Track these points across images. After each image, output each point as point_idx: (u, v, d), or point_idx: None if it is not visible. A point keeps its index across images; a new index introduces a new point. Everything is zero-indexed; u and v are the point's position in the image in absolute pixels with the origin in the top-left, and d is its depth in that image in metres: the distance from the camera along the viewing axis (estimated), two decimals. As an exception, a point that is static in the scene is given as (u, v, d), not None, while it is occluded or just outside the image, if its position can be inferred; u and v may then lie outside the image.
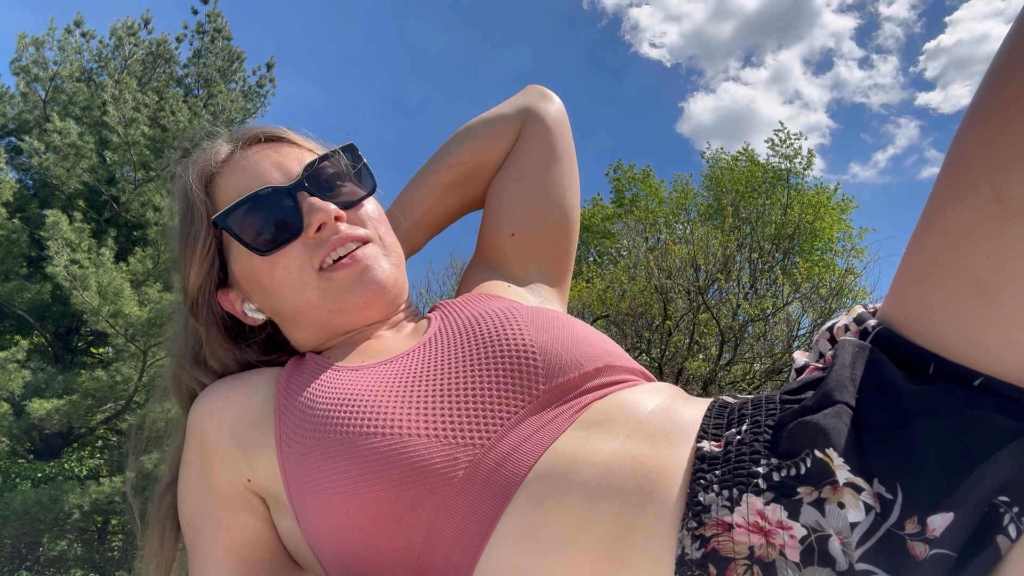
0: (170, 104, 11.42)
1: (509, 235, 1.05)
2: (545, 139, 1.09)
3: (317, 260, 0.83)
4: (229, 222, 0.86)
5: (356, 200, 0.89)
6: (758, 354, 11.34)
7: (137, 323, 9.23)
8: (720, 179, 19.86)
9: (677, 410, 0.69)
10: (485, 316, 0.83)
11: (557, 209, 1.07)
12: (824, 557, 0.52)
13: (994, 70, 0.56)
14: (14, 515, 8.83)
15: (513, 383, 0.73)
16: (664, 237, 12.87)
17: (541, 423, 0.70)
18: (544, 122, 1.10)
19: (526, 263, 1.05)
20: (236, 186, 0.88)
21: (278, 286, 0.86)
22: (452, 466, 0.66)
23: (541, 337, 0.78)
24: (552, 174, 1.08)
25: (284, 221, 0.85)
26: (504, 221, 1.06)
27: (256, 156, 0.90)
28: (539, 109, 1.11)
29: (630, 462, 0.63)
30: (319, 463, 0.69)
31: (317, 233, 0.84)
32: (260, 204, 0.85)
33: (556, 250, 1.07)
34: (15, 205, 10.81)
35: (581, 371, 0.75)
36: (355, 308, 0.85)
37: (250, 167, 0.89)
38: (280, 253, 0.85)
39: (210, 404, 0.84)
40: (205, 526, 0.80)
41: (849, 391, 0.58)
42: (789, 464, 0.56)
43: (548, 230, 1.06)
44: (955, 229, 0.56)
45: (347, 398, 0.74)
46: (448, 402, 0.72)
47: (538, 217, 1.06)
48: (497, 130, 1.10)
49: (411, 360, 0.79)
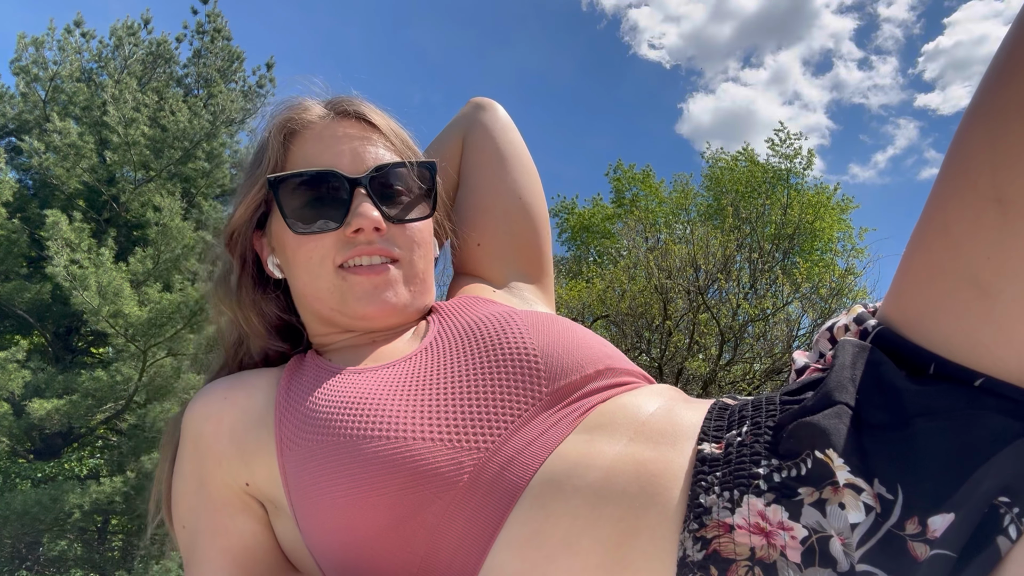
0: (170, 104, 11.41)
1: (476, 246, 1.06)
2: (486, 146, 1.11)
3: (341, 257, 0.84)
4: (280, 189, 0.85)
5: (406, 219, 0.88)
6: (758, 354, 11.33)
7: (137, 323, 9.22)
8: (720, 179, 19.85)
9: (678, 412, 0.69)
10: (484, 320, 0.83)
11: (516, 210, 1.07)
12: (825, 558, 0.51)
13: (994, 70, 0.56)
14: (14, 515, 8.82)
15: (516, 386, 0.73)
16: (664, 237, 12.86)
17: (545, 426, 0.70)
18: (482, 130, 1.12)
19: (500, 268, 1.05)
20: (308, 154, 0.87)
21: (298, 265, 0.87)
22: (457, 470, 0.66)
23: (542, 340, 0.78)
24: (503, 177, 1.08)
25: (330, 210, 0.84)
26: (468, 235, 1.07)
27: (340, 132, 0.89)
28: (476, 120, 1.13)
29: (633, 465, 0.63)
30: (322, 466, 0.69)
31: (353, 234, 0.84)
32: (316, 184, 0.85)
33: (527, 250, 1.07)
34: (15, 205, 10.80)
35: (583, 373, 0.75)
36: (357, 316, 0.85)
37: (328, 141, 0.88)
38: (312, 238, 0.85)
39: (207, 406, 0.83)
40: (202, 530, 0.79)
41: (849, 391, 0.58)
42: (790, 465, 0.56)
43: (513, 232, 1.06)
44: (955, 229, 0.56)
45: (351, 401, 0.74)
46: (452, 406, 0.72)
47: (498, 223, 1.06)
48: (441, 153, 1.12)
49: (413, 364, 0.79)
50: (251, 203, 0.90)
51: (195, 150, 11.49)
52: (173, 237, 9.98)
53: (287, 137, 0.90)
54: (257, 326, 0.92)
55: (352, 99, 0.93)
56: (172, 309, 9.31)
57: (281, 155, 0.89)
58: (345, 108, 0.91)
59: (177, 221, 9.95)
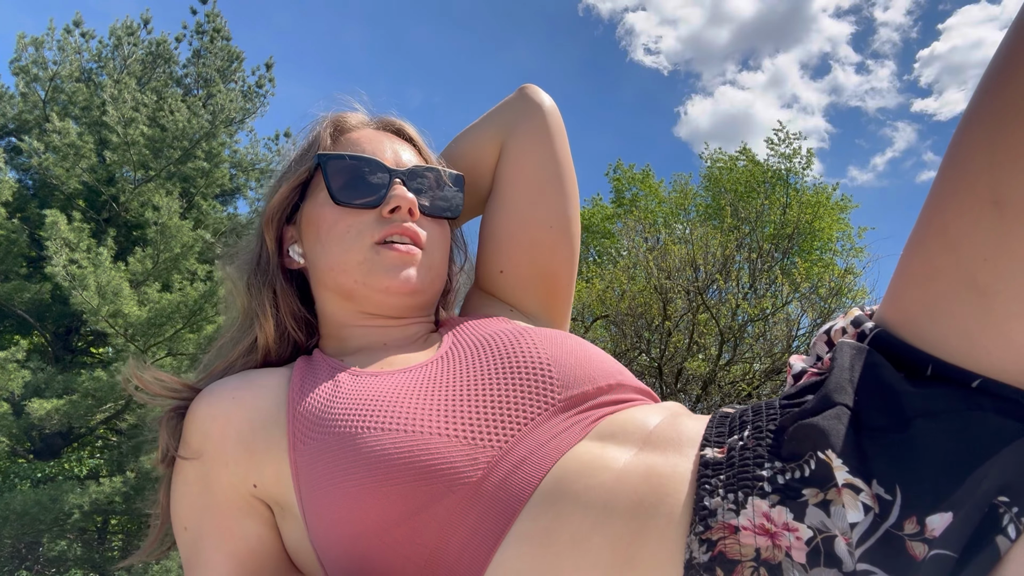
0: (169, 104, 11.41)
1: (498, 272, 1.03)
2: (525, 165, 1.02)
3: (380, 234, 0.89)
4: (329, 164, 0.92)
5: (435, 214, 0.95)
6: (757, 354, 11.33)
7: (137, 323, 9.22)
8: (719, 179, 19.84)
9: (682, 423, 0.70)
10: (498, 334, 0.85)
11: (545, 241, 1.01)
12: (830, 558, 0.52)
13: (992, 72, 0.56)
14: (14, 515, 8.82)
15: (529, 391, 0.74)
16: (663, 237, 12.86)
17: (557, 430, 0.71)
18: (524, 142, 1.03)
19: (521, 298, 1.03)
20: (354, 144, 0.96)
21: (333, 238, 0.90)
22: (471, 466, 0.67)
23: (555, 352, 0.80)
24: (537, 205, 1.01)
25: (371, 190, 0.91)
26: (492, 257, 1.04)
27: (383, 136, 0.98)
28: (519, 129, 1.03)
29: (643, 469, 0.64)
30: (337, 458, 0.70)
31: (391, 213, 0.89)
32: (361, 167, 0.91)
33: (550, 282, 1.03)
34: (15, 205, 10.80)
35: (595, 385, 0.77)
36: (379, 288, 0.88)
37: (373, 140, 0.97)
38: (353, 212, 0.90)
39: (214, 406, 0.82)
40: (207, 532, 0.79)
41: (848, 393, 0.59)
42: (793, 467, 0.57)
43: (538, 264, 1.01)
44: (953, 230, 0.56)
45: (367, 399, 0.74)
46: (467, 406, 0.73)
47: (524, 251, 1.01)
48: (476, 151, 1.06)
49: (429, 370, 0.81)
50: (295, 181, 0.95)
51: (194, 150, 11.49)
52: (172, 237, 9.99)
53: (335, 132, 0.98)
54: (271, 316, 0.93)
55: (390, 115, 1.03)
56: (171, 309, 9.31)
57: (329, 145, 0.96)
58: (388, 121, 1.02)
59: (176, 221, 9.95)
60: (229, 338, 0.96)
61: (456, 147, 1.08)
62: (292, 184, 0.95)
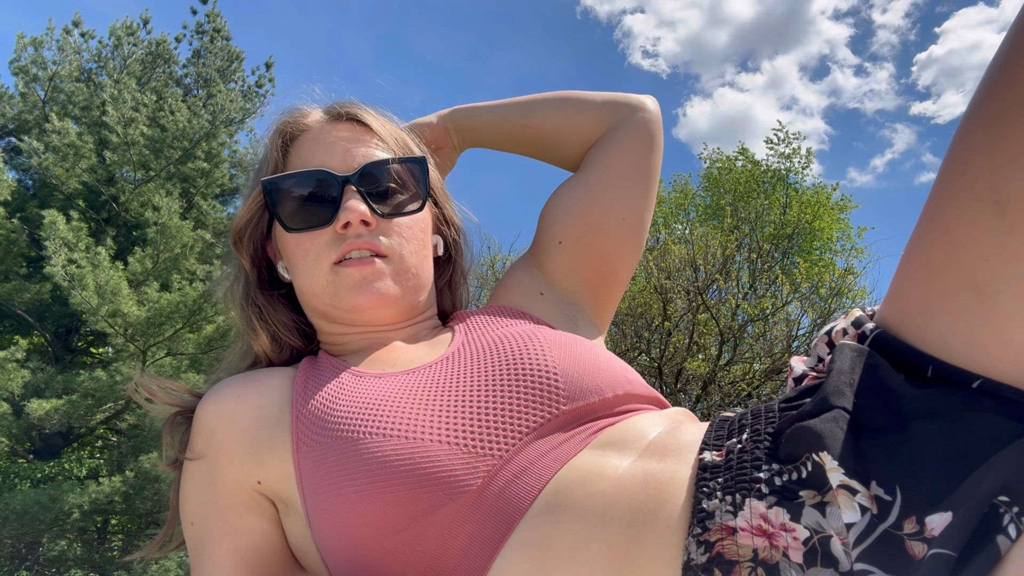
0: (169, 104, 11.40)
1: (557, 242, 1.03)
2: (621, 154, 1.04)
3: (335, 254, 0.86)
4: (272, 191, 0.89)
5: (396, 213, 0.90)
6: (757, 354, 11.33)
7: (136, 323, 9.22)
8: (718, 179, 19.83)
9: (683, 430, 0.70)
10: (508, 338, 0.84)
11: (613, 226, 1.01)
12: (827, 558, 0.52)
13: (992, 72, 0.56)
14: (14, 515, 8.82)
15: (534, 401, 0.74)
16: (663, 237, 12.84)
17: (559, 440, 0.71)
18: (629, 134, 1.05)
19: (569, 277, 1.02)
20: (304, 156, 0.91)
21: (296, 264, 0.90)
22: (471, 474, 0.68)
23: (563, 360, 0.79)
24: (616, 192, 1.03)
25: (322, 208, 0.87)
26: (555, 226, 1.03)
27: (334, 134, 0.92)
28: (630, 120, 1.06)
29: (642, 475, 0.64)
30: (340, 463, 0.70)
31: (343, 229, 0.86)
32: (307, 184, 0.88)
33: (603, 269, 1.02)
34: (14, 205, 10.80)
35: (601, 397, 0.76)
36: (348, 308, 0.87)
37: (322, 143, 0.91)
38: (307, 235, 0.88)
39: (220, 403, 0.83)
40: (211, 527, 0.80)
41: (846, 396, 0.59)
42: (790, 469, 0.57)
43: (597, 248, 1.01)
44: (953, 231, 0.56)
45: (370, 403, 0.75)
46: (469, 413, 0.73)
47: (589, 230, 1.01)
48: (577, 117, 1.07)
49: (434, 372, 0.80)
50: (251, 206, 0.93)
51: (194, 150, 11.49)
52: (172, 237, 9.98)
53: (285, 142, 0.94)
54: (262, 331, 0.93)
55: (346, 102, 0.96)
56: (171, 309, 9.31)
57: (279, 159, 0.93)
58: (339, 111, 0.95)
59: (176, 221, 9.95)
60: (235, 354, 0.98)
61: (553, 106, 1.09)
62: (251, 206, 0.93)
